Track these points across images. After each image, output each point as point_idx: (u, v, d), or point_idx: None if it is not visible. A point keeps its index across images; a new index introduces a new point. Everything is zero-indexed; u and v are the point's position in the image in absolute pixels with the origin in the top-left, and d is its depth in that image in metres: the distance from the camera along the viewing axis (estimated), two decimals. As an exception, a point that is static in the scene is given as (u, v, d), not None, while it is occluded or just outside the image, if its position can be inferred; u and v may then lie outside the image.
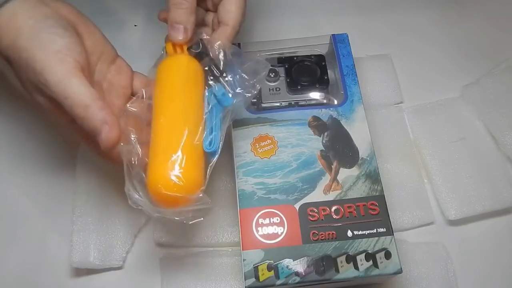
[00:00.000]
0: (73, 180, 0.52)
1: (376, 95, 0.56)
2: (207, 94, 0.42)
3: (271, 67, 0.52)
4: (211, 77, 0.43)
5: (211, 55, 0.43)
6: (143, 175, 0.39)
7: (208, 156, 0.41)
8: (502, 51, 0.59)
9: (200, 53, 0.43)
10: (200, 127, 0.40)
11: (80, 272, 0.49)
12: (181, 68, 0.42)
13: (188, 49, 0.43)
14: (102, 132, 0.36)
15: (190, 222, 0.39)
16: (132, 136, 0.40)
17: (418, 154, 0.53)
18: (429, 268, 0.47)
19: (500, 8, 0.63)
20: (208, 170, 0.41)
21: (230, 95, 0.42)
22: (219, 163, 0.53)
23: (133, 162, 0.39)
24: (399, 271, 0.40)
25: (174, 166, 0.38)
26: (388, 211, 0.43)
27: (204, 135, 0.40)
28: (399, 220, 0.49)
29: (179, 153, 0.38)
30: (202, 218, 0.39)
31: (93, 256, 0.48)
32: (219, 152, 0.41)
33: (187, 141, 0.39)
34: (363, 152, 0.46)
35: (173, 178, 0.37)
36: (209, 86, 0.43)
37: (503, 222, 0.50)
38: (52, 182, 0.53)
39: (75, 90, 0.36)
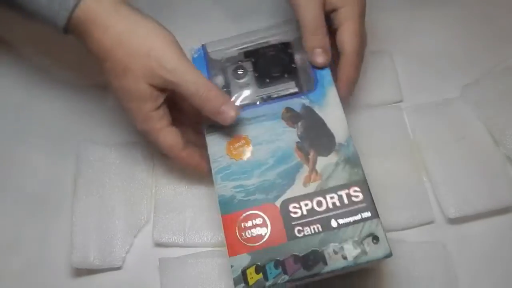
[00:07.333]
0: (73, 180, 0.52)
1: (375, 93, 0.56)
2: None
3: (238, 63, 0.49)
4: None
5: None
6: None
7: None
8: (502, 51, 0.59)
9: None
10: None
11: (80, 272, 0.49)
12: None
13: None
14: (224, 111, 0.43)
15: None
16: None
17: (417, 154, 0.53)
18: (429, 268, 0.47)
19: (500, 8, 0.63)
20: None
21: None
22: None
23: None
24: (389, 255, 0.39)
25: None
26: (372, 195, 0.41)
27: None
28: (398, 219, 0.49)
29: None
30: None
31: (93, 256, 0.48)
32: None
33: None
34: (339, 138, 0.43)
35: None
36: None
37: (503, 221, 0.50)
38: (52, 182, 0.54)
39: (196, 76, 0.43)
